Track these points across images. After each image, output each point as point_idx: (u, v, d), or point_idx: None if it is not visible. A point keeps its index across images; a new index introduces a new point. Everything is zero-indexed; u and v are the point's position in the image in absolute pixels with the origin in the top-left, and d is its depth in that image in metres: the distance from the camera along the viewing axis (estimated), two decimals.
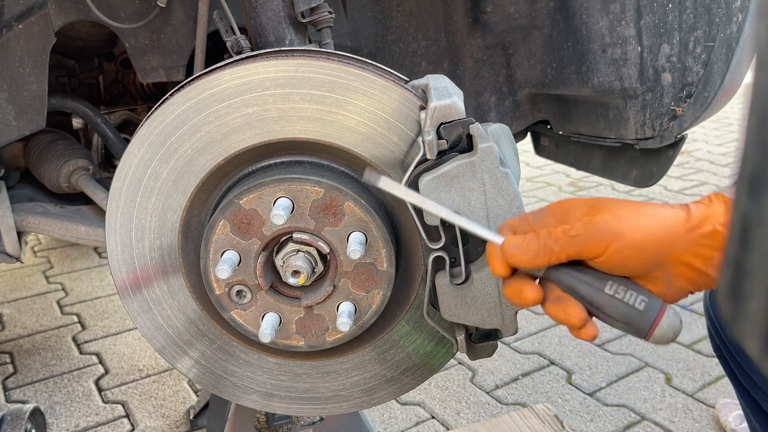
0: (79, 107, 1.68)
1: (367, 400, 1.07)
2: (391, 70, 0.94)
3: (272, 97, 0.91)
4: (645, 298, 0.76)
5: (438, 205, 0.83)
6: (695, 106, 1.50)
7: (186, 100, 0.92)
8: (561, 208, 0.82)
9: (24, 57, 1.36)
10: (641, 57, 1.49)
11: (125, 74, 1.99)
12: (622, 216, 0.76)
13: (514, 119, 1.79)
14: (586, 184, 4.17)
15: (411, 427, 2.01)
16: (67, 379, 2.32)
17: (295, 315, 0.97)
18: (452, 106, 0.86)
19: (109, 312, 2.79)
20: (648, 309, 0.76)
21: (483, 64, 1.72)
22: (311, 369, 1.05)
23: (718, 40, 1.45)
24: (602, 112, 1.64)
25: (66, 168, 1.65)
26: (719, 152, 4.72)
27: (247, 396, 1.08)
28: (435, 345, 1.03)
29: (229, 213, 0.92)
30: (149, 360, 2.41)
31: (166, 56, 1.49)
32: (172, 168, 0.95)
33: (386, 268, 0.93)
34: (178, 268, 1.00)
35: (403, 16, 1.67)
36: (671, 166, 1.65)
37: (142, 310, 1.02)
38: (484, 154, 0.85)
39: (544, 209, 0.83)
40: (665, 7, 1.45)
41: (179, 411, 2.12)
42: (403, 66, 1.70)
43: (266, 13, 1.10)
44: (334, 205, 0.91)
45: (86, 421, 2.10)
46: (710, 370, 2.24)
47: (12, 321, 2.74)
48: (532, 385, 2.20)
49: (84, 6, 1.36)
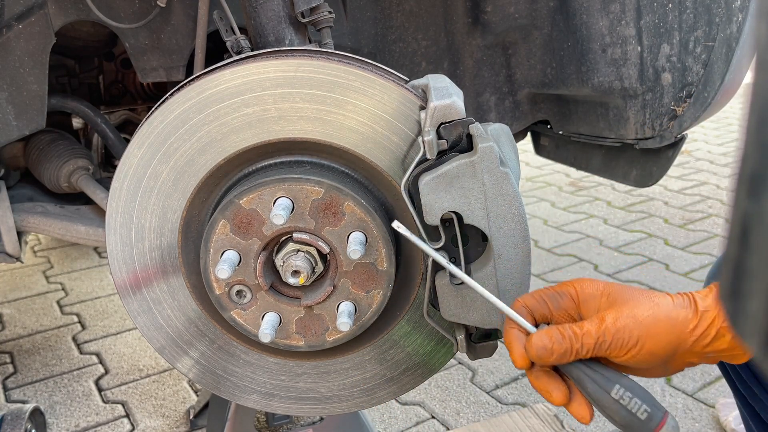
0: (79, 107, 1.68)
1: (367, 400, 1.07)
2: (391, 70, 0.94)
3: (272, 97, 0.91)
4: (648, 408, 0.78)
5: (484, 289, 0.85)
6: (695, 106, 1.50)
7: (186, 100, 0.92)
8: (579, 295, 0.84)
9: (24, 57, 1.36)
10: (641, 57, 1.49)
11: (125, 74, 1.99)
12: (642, 322, 0.79)
13: (514, 119, 1.79)
14: (586, 184, 4.17)
15: (411, 427, 2.01)
16: (67, 379, 2.32)
17: (295, 315, 0.97)
18: (452, 106, 0.86)
19: (109, 312, 2.79)
20: (649, 419, 0.78)
21: (483, 64, 1.72)
22: (311, 369, 1.05)
23: (718, 40, 1.45)
24: (602, 112, 1.64)
25: (66, 168, 1.65)
26: (719, 152, 4.72)
27: (247, 396, 1.08)
28: (435, 345, 1.03)
29: (229, 213, 0.92)
30: (149, 360, 2.42)
31: (166, 56, 1.49)
32: (172, 168, 0.95)
33: (386, 268, 0.93)
34: (178, 268, 1.00)
35: (403, 16, 1.67)
36: (671, 166, 1.66)
37: (142, 310, 1.02)
38: (484, 154, 0.85)
39: (562, 292, 0.85)
40: (665, 7, 1.45)
41: (179, 411, 2.12)
42: (403, 66, 1.70)
43: (266, 13, 1.10)
44: (334, 205, 0.91)
45: (86, 421, 2.10)
46: (710, 370, 2.24)
47: (12, 321, 2.74)
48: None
49: (84, 6, 1.36)
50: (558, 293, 0.85)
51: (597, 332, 0.79)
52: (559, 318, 0.85)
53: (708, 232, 3.30)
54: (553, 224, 3.54)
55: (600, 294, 0.83)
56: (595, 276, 2.88)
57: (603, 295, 0.83)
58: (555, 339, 0.79)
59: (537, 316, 0.85)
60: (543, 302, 0.85)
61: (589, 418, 0.82)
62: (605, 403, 0.79)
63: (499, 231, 0.87)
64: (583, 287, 0.85)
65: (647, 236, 3.30)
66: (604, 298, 0.83)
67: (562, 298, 0.85)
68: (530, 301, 0.85)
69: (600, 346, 0.79)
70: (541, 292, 0.86)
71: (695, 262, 2.96)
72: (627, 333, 0.78)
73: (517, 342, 0.83)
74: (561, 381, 0.83)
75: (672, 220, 3.49)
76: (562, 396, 0.82)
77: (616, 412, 0.79)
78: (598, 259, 3.06)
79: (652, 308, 0.80)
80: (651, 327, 0.79)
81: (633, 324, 0.79)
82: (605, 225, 3.49)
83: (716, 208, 3.61)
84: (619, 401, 0.79)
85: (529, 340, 0.81)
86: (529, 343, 0.81)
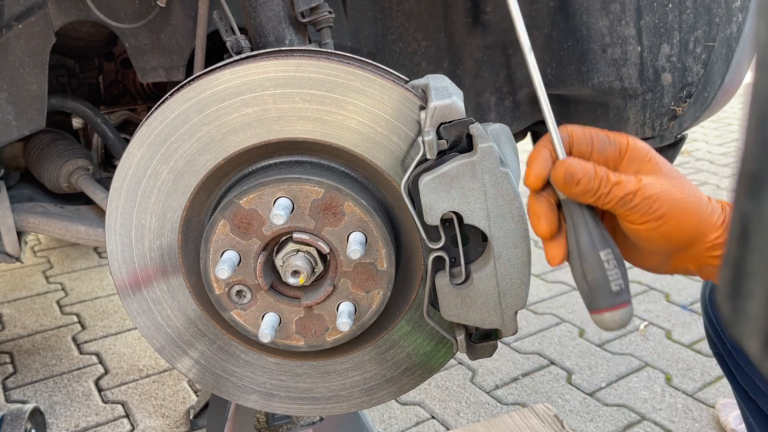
0: (79, 107, 1.68)
1: (366, 400, 1.07)
2: (391, 70, 0.94)
3: (272, 97, 0.91)
4: (623, 285, 0.76)
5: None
6: (695, 106, 1.50)
7: (186, 100, 0.92)
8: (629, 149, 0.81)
9: (24, 57, 1.36)
10: (641, 57, 1.49)
11: (125, 74, 1.99)
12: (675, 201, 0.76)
13: (514, 119, 1.79)
14: None
15: (411, 427, 2.01)
16: (67, 379, 2.32)
17: (295, 315, 0.97)
18: (452, 106, 0.86)
19: (109, 312, 2.79)
20: (617, 295, 0.76)
21: (483, 64, 1.72)
22: (311, 369, 1.05)
23: (718, 40, 1.45)
24: (602, 112, 1.64)
25: (66, 168, 1.65)
26: (719, 152, 4.72)
27: (247, 396, 1.08)
28: (435, 345, 1.03)
29: (229, 213, 0.92)
30: (149, 360, 2.41)
31: (166, 56, 1.49)
32: (172, 168, 0.95)
33: (386, 268, 0.93)
34: (178, 268, 1.00)
35: (403, 16, 1.67)
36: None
37: (141, 310, 1.02)
38: (484, 154, 0.84)
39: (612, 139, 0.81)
40: (665, 7, 1.45)
41: (179, 411, 2.12)
42: (403, 66, 1.70)
43: (266, 13, 1.10)
44: (334, 205, 0.91)
45: (86, 421, 2.10)
46: (710, 370, 2.24)
47: (12, 321, 2.74)
48: (532, 385, 2.20)
49: (84, 6, 1.36)
50: (608, 137, 0.81)
51: (630, 188, 0.76)
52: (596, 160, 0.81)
53: None
54: None
55: (647, 158, 0.80)
56: None
57: (649, 161, 0.80)
58: (587, 172, 0.76)
59: (575, 150, 0.81)
60: (589, 139, 0.81)
61: (559, 260, 0.80)
62: (587, 257, 0.77)
63: (499, 231, 0.87)
64: (635, 143, 0.81)
65: None
66: (650, 164, 0.80)
67: (610, 144, 0.81)
68: (577, 132, 0.82)
69: (624, 203, 0.76)
70: (591, 129, 0.83)
71: None
72: (657, 203, 0.75)
73: (540, 160, 0.80)
74: (556, 216, 0.81)
75: None
76: (548, 229, 0.79)
77: (593, 271, 0.76)
78: None
79: (690, 195, 0.77)
80: (681, 210, 0.76)
81: (666, 197, 0.76)
82: None
83: None
84: (601, 263, 0.76)
85: (560, 162, 0.77)
86: (560, 163, 0.77)
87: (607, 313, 0.76)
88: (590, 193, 0.76)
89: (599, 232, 0.78)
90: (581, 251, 0.78)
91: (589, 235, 0.78)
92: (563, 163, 0.78)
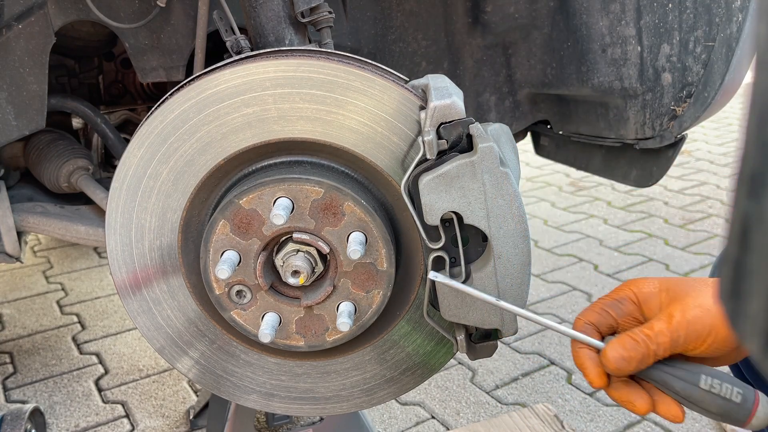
0: (79, 107, 1.68)
1: (366, 400, 1.07)
2: (391, 70, 0.94)
3: (272, 97, 0.91)
4: (740, 390, 0.77)
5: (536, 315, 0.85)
6: (695, 106, 1.50)
7: (186, 100, 0.92)
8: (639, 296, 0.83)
9: (24, 57, 1.36)
10: (641, 57, 1.49)
11: (125, 74, 1.99)
12: (711, 310, 0.77)
13: (514, 119, 1.79)
14: (586, 183, 4.17)
15: (411, 427, 2.01)
16: (67, 379, 2.32)
17: (295, 315, 0.97)
18: (452, 105, 0.86)
19: (109, 312, 2.79)
20: (744, 400, 0.77)
21: (483, 64, 1.72)
22: (311, 369, 1.05)
23: (718, 40, 1.45)
24: (602, 112, 1.64)
25: (66, 168, 1.65)
26: (719, 152, 4.72)
27: (247, 396, 1.08)
28: (435, 345, 1.03)
29: (229, 213, 0.92)
30: (149, 360, 2.41)
31: (166, 56, 1.49)
32: (171, 168, 0.95)
33: (386, 268, 0.93)
34: (178, 268, 1.00)
35: (403, 16, 1.67)
36: (671, 166, 1.65)
37: (142, 310, 1.02)
38: (484, 154, 0.84)
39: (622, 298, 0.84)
40: (665, 7, 1.45)
41: (179, 411, 2.12)
42: (403, 66, 1.70)
43: (266, 13, 1.10)
44: (334, 205, 0.91)
45: (86, 421, 2.10)
46: None
47: (12, 321, 2.74)
48: (532, 385, 2.20)
49: (84, 6, 1.36)
50: (617, 300, 0.84)
51: (669, 329, 0.77)
52: (625, 324, 0.83)
53: (708, 232, 3.30)
54: (553, 224, 3.54)
55: (659, 291, 0.82)
56: (594, 276, 2.88)
57: (662, 292, 0.81)
58: (630, 346, 0.77)
59: (603, 329, 0.84)
60: (605, 313, 0.83)
61: (682, 416, 0.80)
62: (697, 396, 0.77)
63: (499, 231, 0.87)
64: (640, 288, 0.83)
65: (647, 236, 3.30)
66: (664, 294, 0.81)
67: (623, 304, 0.83)
68: (592, 316, 0.84)
69: (675, 343, 0.77)
70: (600, 304, 0.85)
71: (695, 262, 2.96)
72: (699, 324, 0.77)
73: (589, 361, 0.81)
74: (640, 388, 0.81)
75: (672, 220, 3.49)
76: (646, 404, 0.80)
77: (711, 402, 0.77)
78: (598, 259, 3.06)
79: (710, 290, 0.78)
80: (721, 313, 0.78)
81: (702, 313, 0.77)
82: (605, 225, 3.49)
83: (716, 208, 3.61)
84: (710, 391, 0.77)
85: (605, 355, 0.79)
86: (605, 358, 0.79)
87: (753, 420, 0.77)
88: (646, 358, 0.78)
89: (683, 369, 0.79)
90: (686, 396, 0.78)
91: (679, 380, 0.78)
92: (606, 359, 0.79)
